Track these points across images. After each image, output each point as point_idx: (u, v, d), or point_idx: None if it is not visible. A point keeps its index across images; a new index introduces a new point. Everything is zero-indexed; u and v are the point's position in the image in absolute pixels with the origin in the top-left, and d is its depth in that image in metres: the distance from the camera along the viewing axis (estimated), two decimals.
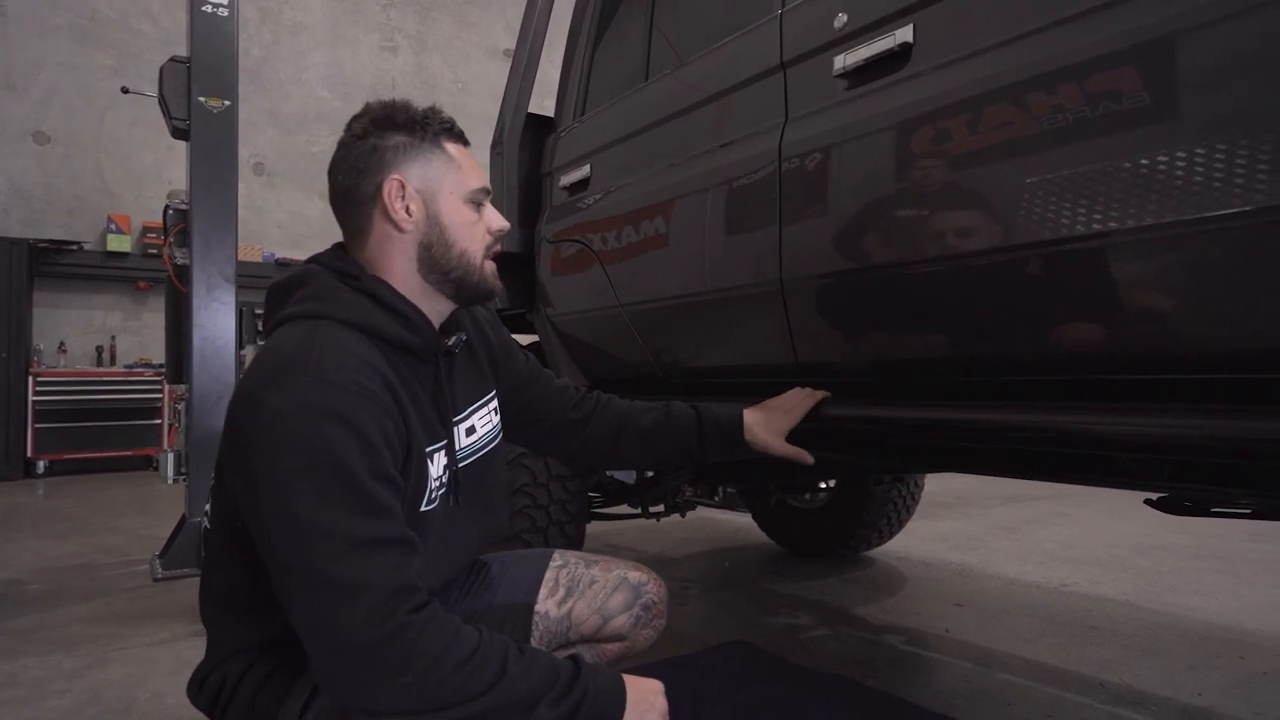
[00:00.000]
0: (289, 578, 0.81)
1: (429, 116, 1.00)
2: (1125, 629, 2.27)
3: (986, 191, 1.06)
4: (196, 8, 3.05)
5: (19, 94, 6.39)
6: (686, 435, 1.31)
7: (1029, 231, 1.00)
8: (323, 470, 0.80)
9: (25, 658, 2.11)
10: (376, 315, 0.95)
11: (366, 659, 0.77)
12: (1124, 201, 0.90)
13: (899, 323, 1.26)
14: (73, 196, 6.56)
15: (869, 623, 2.38)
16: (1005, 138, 1.02)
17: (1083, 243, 0.94)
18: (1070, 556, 3.18)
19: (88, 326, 6.63)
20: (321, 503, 0.79)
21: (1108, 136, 0.91)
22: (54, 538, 3.77)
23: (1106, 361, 1.00)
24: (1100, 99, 0.91)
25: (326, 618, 0.78)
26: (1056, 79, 0.96)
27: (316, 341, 0.88)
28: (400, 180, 0.96)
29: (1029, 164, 1.00)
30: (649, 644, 1.22)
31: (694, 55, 1.70)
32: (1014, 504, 4.49)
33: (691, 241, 1.60)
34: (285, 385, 0.83)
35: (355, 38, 7.98)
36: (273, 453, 0.81)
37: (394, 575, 0.80)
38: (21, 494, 5.25)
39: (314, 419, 0.81)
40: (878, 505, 2.98)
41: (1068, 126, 0.95)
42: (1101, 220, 0.92)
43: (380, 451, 0.84)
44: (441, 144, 1.00)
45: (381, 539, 0.81)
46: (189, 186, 3.06)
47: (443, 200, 0.99)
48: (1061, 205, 0.96)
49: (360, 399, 0.84)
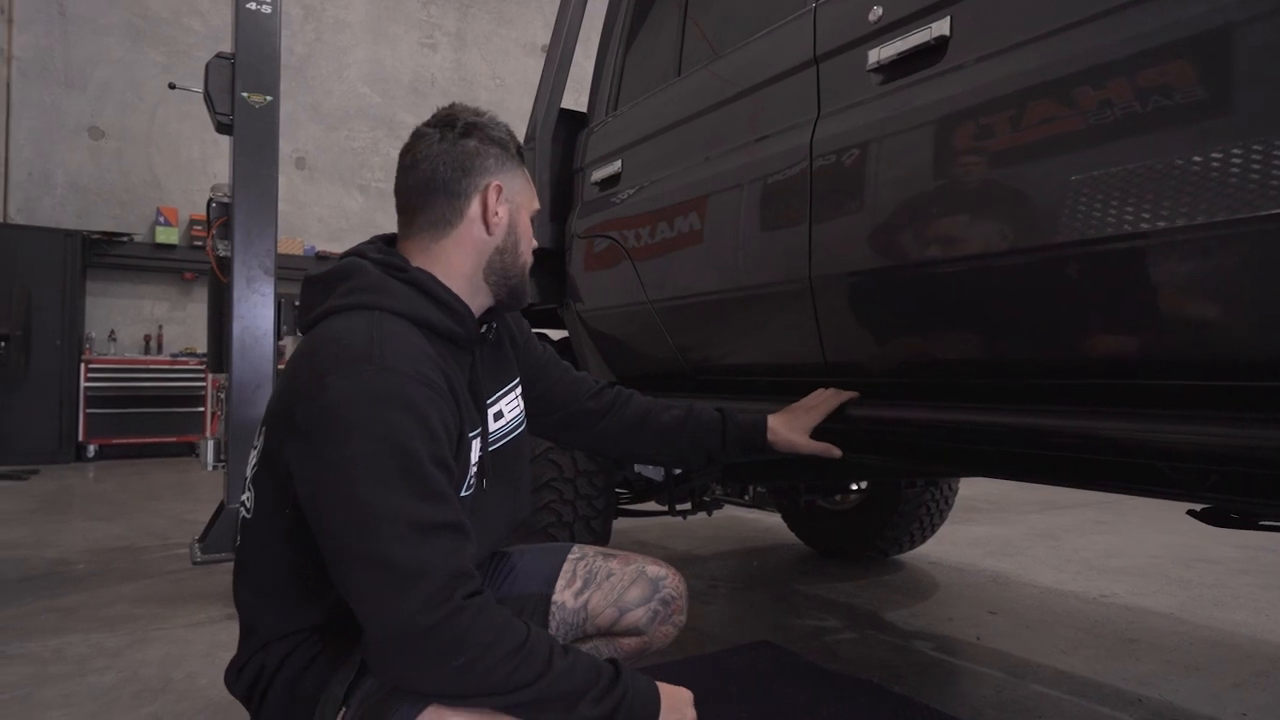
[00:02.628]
0: (349, 560, 0.82)
1: (510, 134, 1.08)
2: (1167, 643, 2.20)
3: (1021, 189, 1.03)
4: (241, 5, 3.12)
5: (76, 91, 6.60)
6: (708, 436, 1.31)
7: (1064, 231, 0.96)
8: (387, 454, 0.82)
9: (70, 634, 2.18)
10: (425, 306, 0.98)
11: (423, 641, 0.79)
12: (1170, 200, 0.86)
13: (928, 323, 1.24)
14: (124, 189, 6.76)
15: (898, 627, 2.34)
16: (1043, 134, 0.99)
17: (1125, 242, 0.91)
18: (1110, 566, 3.09)
19: (137, 316, 6.83)
20: (385, 486, 0.81)
21: (1153, 133, 0.87)
22: (100, 519, 3.89)
23: (1147, 365, 0.96)
24: (1146, 94, 0.88)
25: (387, 599, 0.80)
26: (1098, 74, 0.93)
27: (376, 331, 0.91)
28: (501, 186, 1.04)
29: (1067, 161, 0.96)
30: (667, 640, 1.21)
31: (726, 50, 1.69)
32: (1053, 510, 4.38)
33: (719, 238, 1.58)
34: (349, 372, 0.85)
35: (395, 35, 8.08)
36: (338, 437, 0.83)
37: (452, 559, 0.82)
38: (72, 476, 5.44)
39: (379, 404, 0.84)
40: (910, 508, 2.93)
41: (1108, 122, 0.91)
42: (1148, 219, 0.88)
43: (440, 438, 0.87)
44: (520, 166, 1.09)
45: (442, 523, 0.83)
46: (231, 180, 3.13)
47: (521, 214, 1.08)
48: (1098, 204, 0.92)
49: (422, 386, 0.88)
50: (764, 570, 3.09)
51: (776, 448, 1.32)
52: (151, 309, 6.89)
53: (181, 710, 1.70)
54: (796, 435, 1.30)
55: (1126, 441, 0.95)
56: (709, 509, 2.38)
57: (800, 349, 1.45)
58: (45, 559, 3.07)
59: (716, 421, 1.32)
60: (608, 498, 2.13)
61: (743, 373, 1.72)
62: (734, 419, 1.33)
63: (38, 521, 3.82)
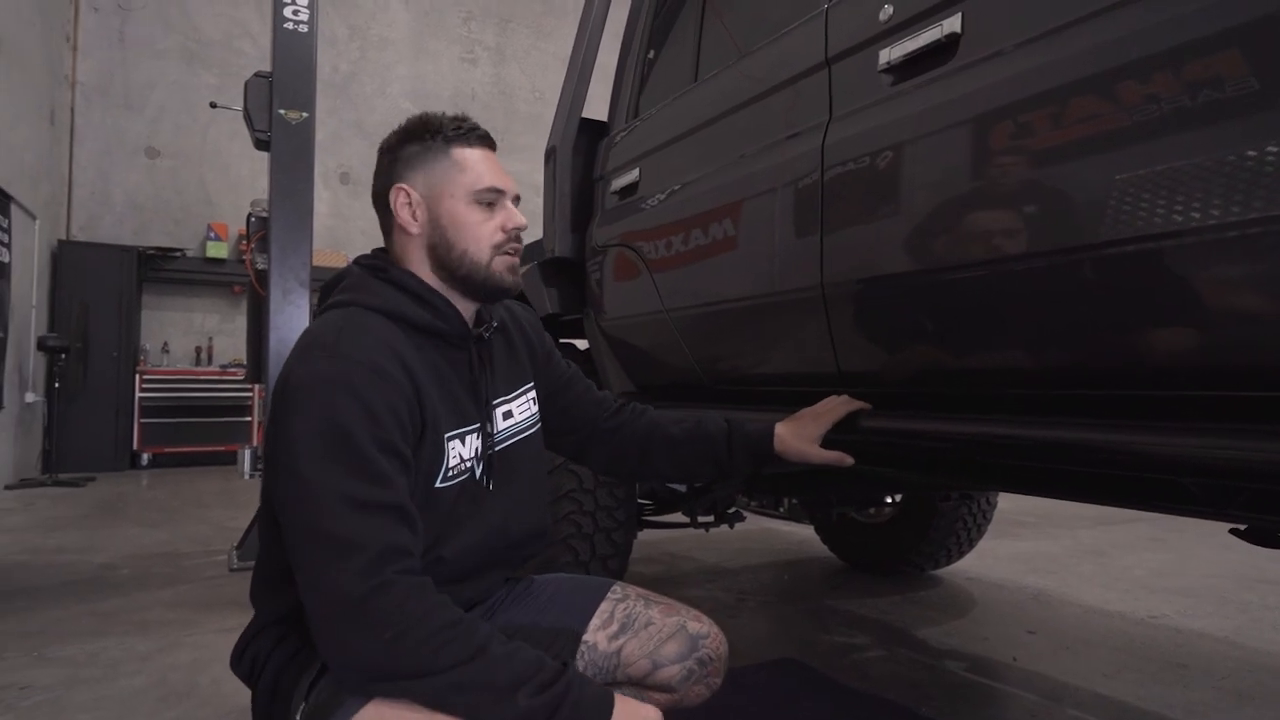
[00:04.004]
0: (292, 534, 0.87)
1: (441, 125, 1.05)
2: (1219, 669, 2.08)
3: (1034, 189, 0.98)
4: (279, 25, 3.21)
5: (134, 112, 6.89)
6: (715, 446, 1.28)
7: (1082, 233, 0.91)
8: (328, 434, 0.86)
9: (106, 638, 2.24)
10: (403, 302, 1.01)
11: (353, 611, 0.80)
12: (1195, 200, 0.81)
13: (942, 331, 1.19)
14: (178, 207, 7.01)
15: (930, 646, 2.26)
16: (1060, 132, 0.94)
17: (1145, 244, 0.86)
18: (1161, 586, 2.95)
19: (188, 328, 7.07)
20: (324, 464, 0.85)
21: (1178, 131, 0.82)
22: (148, 526, 4.02)
23: (1172, 375, 0.91)
24: (1177, 88, 0.82)
25: (320, 570, 0.83)
26: (1118, 69, 0.88)
27: (344, 324, 0.96)
28: (404, 188, 1.04)
29: (1085, 158, 0.91)
30: (699, 701, 1.14)
31: (739, 56, 1.66)
32: (1103, 526, 4.21)
33: (731, 245, 1.56)
34: (305, 359, 0.92)
35: (437, 50, 8.24)
36: (287, 418, 0.88)
37: (386, 536, 0.84)
38: (126, 484, 5.63)
39: (324, 388, 0.88)
40: (945, 522, 2.84)
41: (1133, 118, 0.86)
42: (1178, 217, 0.82)
43: (385, 424, 0.89)
44: (450, 150, 1.05)
45: (378, 503, 0.85)
46: (269, 195, 3.21)
47: (444, 204, 1.04)
48: (1125, 203, 0.87)
49: (370, 374, 0.90)
50: (794, 584, 3.02)
51: (786, 457, 1.27)
52: (202, 321, 7.13)
53: (204, 716, 1.72)
54: (805, 444, 1.26)
55: (1147, 455, 0.89)
56: (731, 521, 2.34)
57: (813, 358, 1.41)
58: (92, 564, 3.17)
59: (722, 431, 1.29)
60: (629, 509, 2.10)
61: (759, 382, 1.68)
62: (741, 428, 1.29)
63: (89, 527, 3.96)
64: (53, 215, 6.25)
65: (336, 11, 7.61)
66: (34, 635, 2.25)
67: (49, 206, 6.12)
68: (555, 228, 2.23)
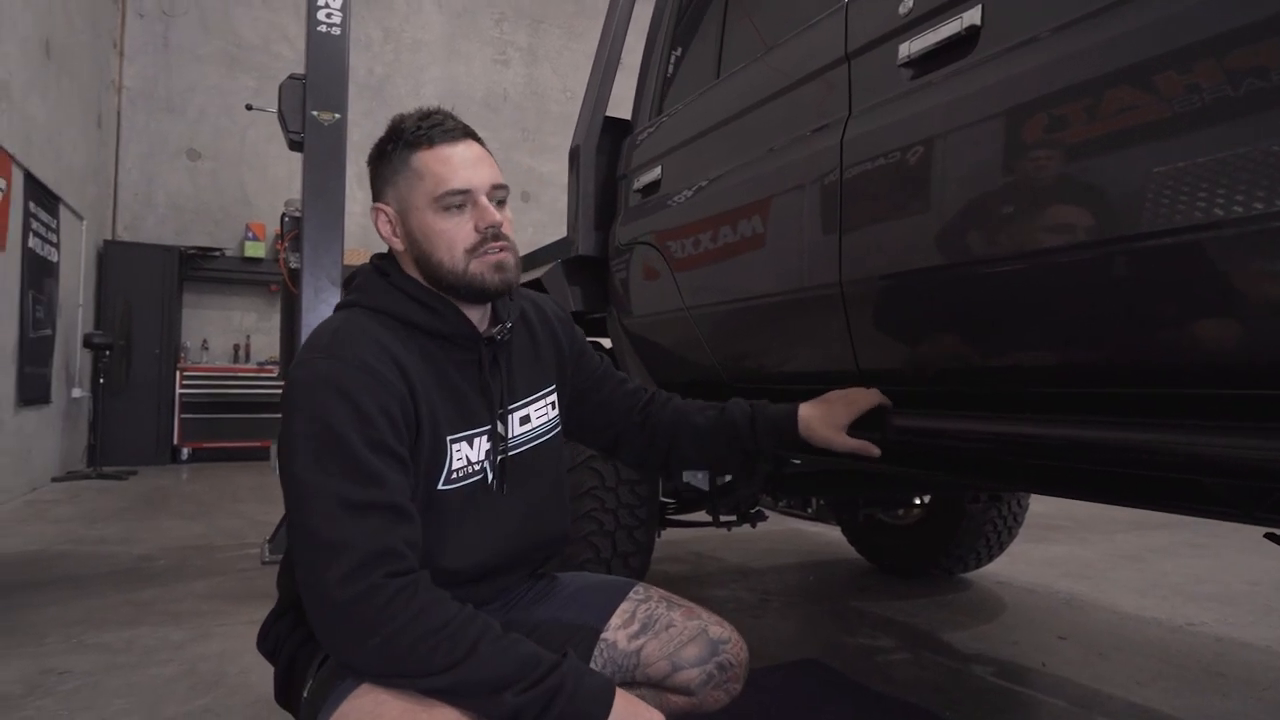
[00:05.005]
0: (291, 531, 0.89)
1: (401, 131, 1.01)
2: (1260, 678, 2.01)
3: (1054, 184, 0.96)
4: (312, 28, 3.27)
5: (176, 115, 7.07)
6: (739, 432, 1.26)
7: (1107, 227, 0.89)
8: (319, 436, 0.87)
9: (141, 627, 2.30)
10: (405, 304, 1.01)
11: (342, 615, 0.82)
12: (1230, 193, 0.78)
13: (960, 329, 1.17)
14: (218, 207, 7.18)
15: (957, 650, 2.22)
16: (1076, 127, 0.92)
17: (1176, 237, 0.83)
18: (1200, 592, 2.86)
19: (227, 326, 7.24)
20: (316, 465, 0.86)
21: (1206, 124, 0.79)
22: (185, 518, 4.12)
23: (1199, 373, 0.88)
24: (1209, 79, 0.80)
25: (313, 571, 0.84)
26: (1136, 69, 0.85)
27: (342, 325, 0.97)
28: (380, 208, 1.04)
29: (1102, 155, 0.89)
30: (717, 706, 1.14)
31: (760, 53, 1.65)
32: (1140, 530, 4.10)
33: (751, 243, 1.55)
34: (304, 361, 0.93)
35: (470, 52, 8.32)
36: (287, 419, 0.90)
37: (376, 538, 0.84)
38: (167, 478, 5.79)
39: (317, 389, 0.89)
40: (974, 524, 2.79)
41: (1153, 113, 0.84)
42: (1214, 210, 0.80)
43: (377, 424, 0.89)
44: (410, 158, 1.00)
45: (370, 504, 0.85)
46: (302, 196, 3.27)
47: (414, 216, 1.01)
48: (1148, 195, 0.85)
49: (361, 374, 0.90)
50: (820, 585, 3.00)
51: (810, 442, 1.24)
52: (240, 319, 7.29)
53: (232, 704, 1.76)
54: (830, 432, 1.23)
55: (1171, 455, 0.86)
56: (753, 521, 2.32)
57: (832, 355, 1.39)
58: (132, 555, 3.26)
59: (746, 416, 1.27)
60: (650, 507, 2.10)
61: (779, 380, 1.67)
62: (764, 411, 1.27)
63: (130, 520, 4.08)
64: (99, 216, 6.45)
65: (371, 14, 7.72)
66: (74, 623, 2.33)
67: (95, 208, 6.31)
68: (579, 226, 2.23)
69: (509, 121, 8.41)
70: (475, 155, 1.02)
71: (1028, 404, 1.10)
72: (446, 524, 0.98)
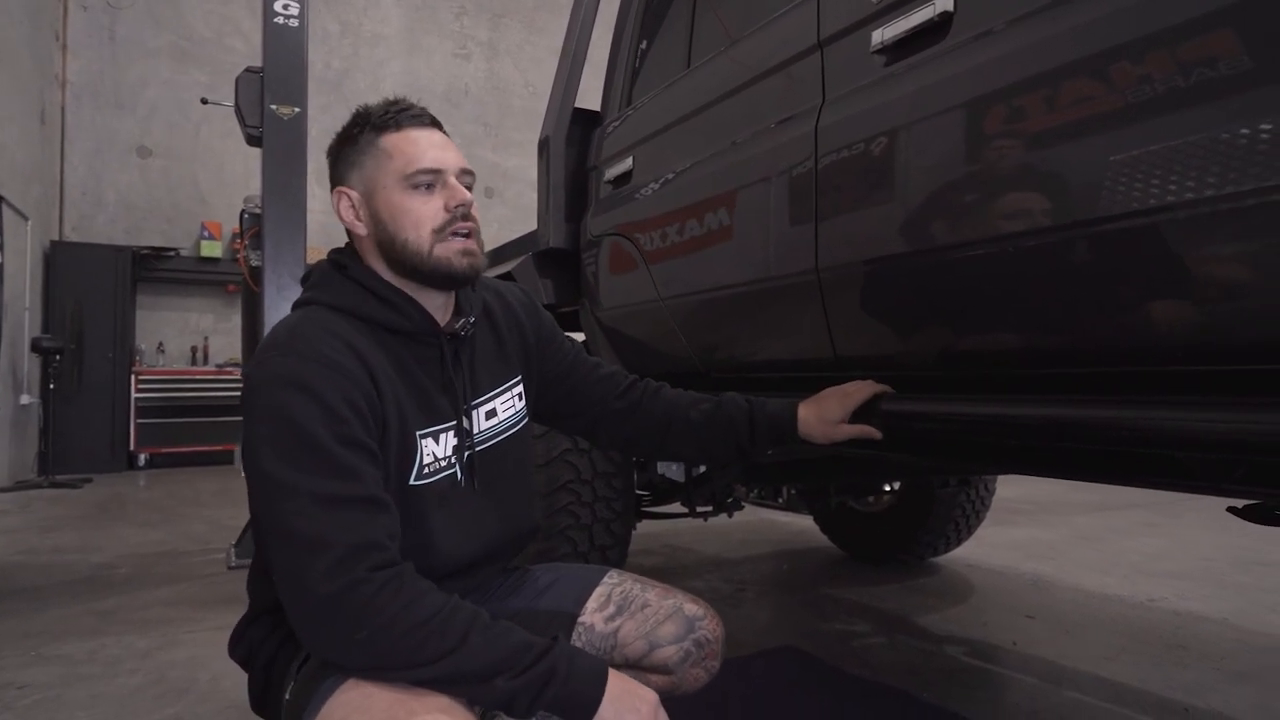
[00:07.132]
0: (264, 534, 0.87)
1: (369, 116, 1.01)
2: (1217, 650, 2.08)
3: (1027, 170, 0.98)
4: (269, 20, 3.19)
5: (126, 112, 6.85)
6: (737, 429, 1.25)
7: (1076, 210, 0.91)
8: (286, 434, 0.85)
9: (105, 636, 2.23)
10: (363, 299, 0.99)
11: (325, 612, 0.80)
12: (1190, 178, 0.80)
13: (937, 314, 1.18)
14: (170, 205, 6.98)
15: (929, 632, 2.26)
16: (1048, 114, 0.94)
17: (1141, 219, 0.85)
18: (1159, 569, 2.96)
19: (184, 328, 7.05)
20: (285, 463, 0.84)
21: (1174, 110, 0.81)
22: (146, 526, 4.01)
23: (1168, 351, 0.90)
24: (1181, 66, 0.82)
25: (291, 570, 0.82)
26: (1111, 54, 0.87)
27: (300, 323, 0.95)
28: (343, 191, 1.02)
29: (1074, 140, 0.91)
30: (698, 685, 1.15)
31: (731, 42, 1.65)
32: (1099, 512, 4.22)
33: (726, 232, 1.55)
34: (262, 361, 0.92)
35: (430, 46, 8.21)
36: (249, 420, 0.89)
37: (356, 532, 0.83)
38: (123, 484, 5.62)
39: (278, 388, 0.88)
40: (944, 510, 2.85)
41: (1124, 99, 0.86)
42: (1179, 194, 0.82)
43: (344, 417, 0.88)
44: (379, 140, 1.00)
45: (344, 497, 0.84)
46: (262, 191, 3.19)
47: (379, 197, 1.00)
48: (1121, 179, 0.87)
49: (323, 369, 0.89)
50: (794, 574, 3.03)
51: (811, 439, 1.25)
52: (197, 321, 7.11)
53: (203, 712, 1.72)
54: (829, 428, 1.23)
55: (1147, 430, 0.89)
56: (730, 510, 2.34)
57: (809, 343, 1.40)
58: (90, 563, 3.16)
59: (744, 413, 1.26)
60: (627, 500, 2.10)
61: (756, 369, 1.68)
62: (762, 409, 1.26)
63: (87, 528, 3.95)
64: (44, 216, 6.22)
65: (328, 8, 7.57)
66: (32, 635, 2.25)
67: (40, 207, 6.09)
68: (549, 219, 2.22)
69: (470, 116, 8.32)
70: (443, 140, 1.04)
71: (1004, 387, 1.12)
72: (420, 520, 0.97)
